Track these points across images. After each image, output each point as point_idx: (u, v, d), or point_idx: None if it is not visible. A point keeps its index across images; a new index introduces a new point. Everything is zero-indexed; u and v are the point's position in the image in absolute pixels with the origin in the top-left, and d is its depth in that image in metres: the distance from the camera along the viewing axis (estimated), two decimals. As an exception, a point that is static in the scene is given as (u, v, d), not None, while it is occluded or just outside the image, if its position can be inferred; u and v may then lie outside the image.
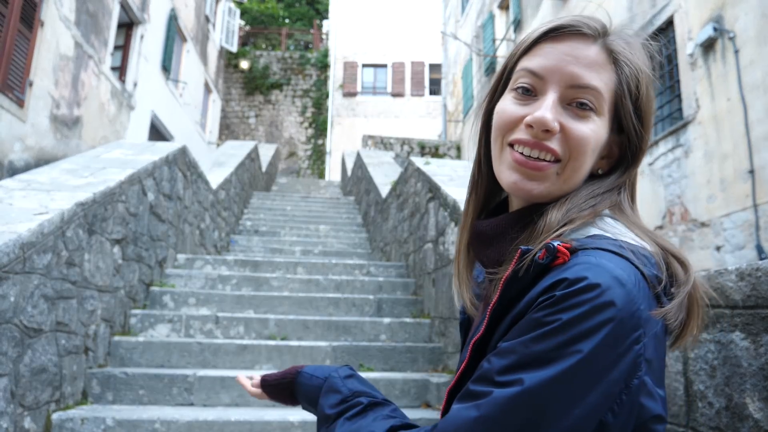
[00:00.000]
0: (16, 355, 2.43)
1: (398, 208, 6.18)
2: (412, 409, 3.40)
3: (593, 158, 0.74)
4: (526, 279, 0.65)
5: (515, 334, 0.62)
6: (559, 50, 0.73)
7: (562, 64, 0.72)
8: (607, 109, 0.73)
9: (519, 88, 0.75)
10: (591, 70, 0.72)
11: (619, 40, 0.75)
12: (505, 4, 13.27)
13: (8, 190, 3.14)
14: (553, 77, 0.72)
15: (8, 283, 2.35)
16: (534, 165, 0.72)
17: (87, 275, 3.17)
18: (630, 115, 0.74)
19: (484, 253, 0.79)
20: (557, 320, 0.58)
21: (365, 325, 4.26)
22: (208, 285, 4.85)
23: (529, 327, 0.61)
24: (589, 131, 0.72)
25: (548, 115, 0.70)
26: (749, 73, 5.42)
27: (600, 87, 0.72)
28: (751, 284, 1.12)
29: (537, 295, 0.62)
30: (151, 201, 4.31)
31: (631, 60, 0.74)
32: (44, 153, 8.09)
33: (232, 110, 21.48)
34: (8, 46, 7.05)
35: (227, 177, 7.59)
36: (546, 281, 0.62)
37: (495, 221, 0.78)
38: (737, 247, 5.45)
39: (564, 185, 0.73)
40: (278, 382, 1.11)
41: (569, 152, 0.72)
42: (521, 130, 0.73)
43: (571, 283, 0.60)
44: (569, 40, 0.74)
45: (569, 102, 0.72)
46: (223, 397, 3.30)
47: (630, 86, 0.74)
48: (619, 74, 0.73)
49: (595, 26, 0.75)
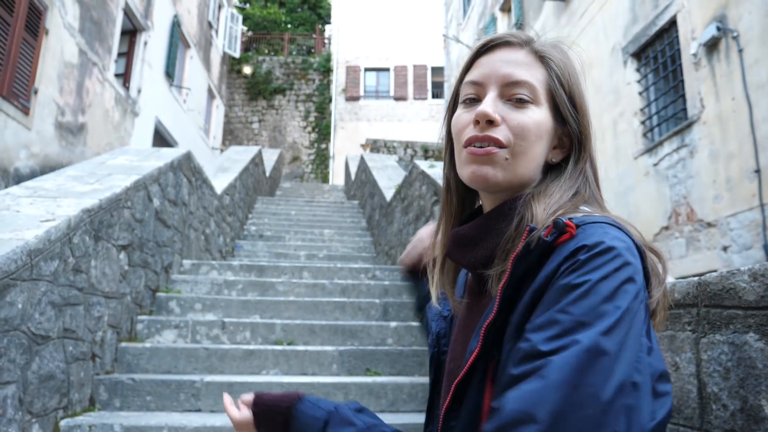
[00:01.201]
0: (24, 362, 2.43)
1: (403, 212, 6.17)
2: (420, 414, 3.38)
3: (541, 145, 0.81)
4: (532, 257, 0.69)
5: (546, 306, 0.65)
6: (492, 59, 0.84)
7: (495, 69, 0.82)
8: (544, 100, 0.82)
9: (466, 100, 0.85)
10: (521, 68, 0.81)
11: (543, 44, 0.85)
12: (507, 7, 13.28)
13: (15, 197, 3.14)
14: (490, 80, 0.82)
15: (16, 290, 2.35)
16: (483, 152, 0.79)
17: (93, 281, 3.18)
18: (565, 104, 0.82)
19: (470, 255, 0.83)
20: (587, 281, 0.63)
21: (372, 329, 4.25)
22: (214, 290, 4.86)
23: (560, 293, 0.64)
24: (527, 118, 0.80)
25: (488, 107, 0.79)
26: (754, 72, 5.40)
27: (531, 81, 0.81)
28: (764, 284, 1.11)
29: (558, 265, 0.67)
30: (157, 207, 4.31)
31: (557, 57, 0.84)
32: (49, 160, 8.12)
33: (236, 115, 21.53)
34: (13, 54, 7.08)
35: (231, 182, 7.60)
36: (563, 251, 0.67)
37: (476, 222, 0.84)
38: (744, 247, 5.43)
39: (517, 170, 0.80)
40: (275, 404, 0.97)
41: (513, 139, 0.79)
42: (471, 129, 0.81)
43: (591, 247, 0.66)
44: (499, 50, 0.84)
45: (508, 98, 0.81)
46: (230, 402, 3.29)
47: (560, 79, 0.82)
48: (547, 70, 0.82)
49: (521, 36, 0.85)
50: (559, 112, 0.82)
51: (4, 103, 6.93)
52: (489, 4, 14.35)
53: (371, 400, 3.43)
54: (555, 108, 0.82)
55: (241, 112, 21.62)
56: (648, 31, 7.06)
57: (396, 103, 21.85)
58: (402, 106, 21.82)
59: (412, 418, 3.20)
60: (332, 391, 3.40)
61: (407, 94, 21.87)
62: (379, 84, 22.30)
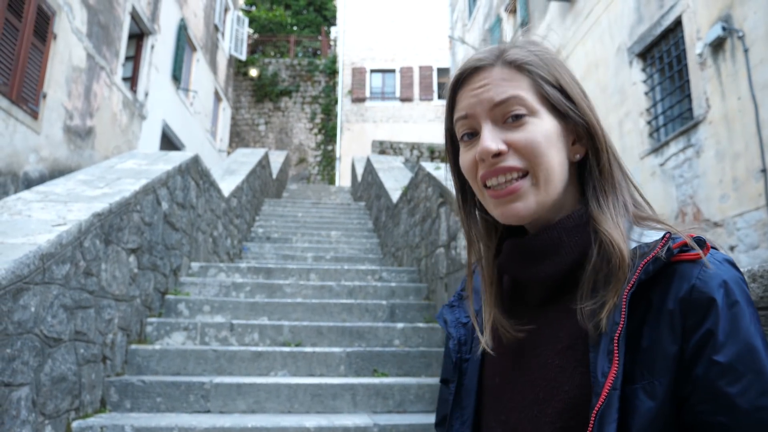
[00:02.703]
0: (36, 364, 2.47)
1: (409, 213, 6.20)
2: (428, 414, 3.41)
3: (557, 151, 0.77)
4: (659, 264, 0.68)
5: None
6: (471, 89, 0.80)
7: (478, 97, 0.78)
8: (539, 105, 0.78)
9: (464, 136, 0.81)
10: (502, 86, 0.78)
11: (514, 51, 0.81)
12: (512, 8, 13.28)
13: (26, 202, 3.19)
14: (477, 110, 0.78)
15: (29, 293, 2.39)
16: (507, 191, 0.76)
17: (104, 285, 3.22)
18: (560, 100, 0.78)
19: (536, 269, 0.79)
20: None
21: (379, 331, 4.27)
22: (222, 292, 4.89)
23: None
24: (530, 134, 0.76)
25: (486, 142, 0.76)
26: (759, 72, 5.39)
27: (517, 93, 0.77)
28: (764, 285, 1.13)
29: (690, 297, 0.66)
30: (165, 210, 4.35)
31: (532, 58, 0.80)
32: (58, 164, 8.19)
33: (242, 118, 21.61)
34: (22, 59, 7.15)
35: (239, 185, 7.64)
36: (694, 279, 0.67)
37: (546, 234, 0.79)
38: (751, 246, 5.42)
39: (546, 189, 0.76)
40: None
41: (528, 160, 0.76)
42: (481, 167, 0.78)
43: (731, 299, 0.66)
44: (474, 78, 0.80)
45: (504, 120, 0.77)
46: (239, 403, 3.32)
47: (545, 78, 0.79)
48: (528, 75, 0.78)
49: (488, 55, 0.81)
50: (555, 108, 0.79)
51: (14, 107, 7.00)
52: (494, 5, 14.35)
53: (378, 401, 3.46)
54: (554, 108, 0.78)
55: (247, 115, 21.69)
56: (653, 31, 7.06)
57: (402, 105, 21.87)
58: (408, 107, 21.84)
59: (420, 419, 3.22)
60: (340, 392, 3.43)
61: (413, 95, 21.89)
62: (385, 85, 22.32)
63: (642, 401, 0.64)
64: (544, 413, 0.73)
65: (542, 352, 0.76)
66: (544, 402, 0.73)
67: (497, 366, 0.83)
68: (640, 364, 0.66)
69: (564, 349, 0.74)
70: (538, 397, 0.74)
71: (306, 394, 3.39)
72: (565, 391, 0.71)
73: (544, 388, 0.74)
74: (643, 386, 0.65)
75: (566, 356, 0.73)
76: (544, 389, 0.74)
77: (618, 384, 0.64)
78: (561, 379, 0.72)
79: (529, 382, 0.77)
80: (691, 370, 0.64)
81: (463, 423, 0.86)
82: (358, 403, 3.44)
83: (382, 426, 3.04)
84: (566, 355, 0.73)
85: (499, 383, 0.82)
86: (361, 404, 3.44)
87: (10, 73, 6.95)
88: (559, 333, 0.75)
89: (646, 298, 0.68)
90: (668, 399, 0.64)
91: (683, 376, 0.64)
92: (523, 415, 0.76)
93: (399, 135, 20.44)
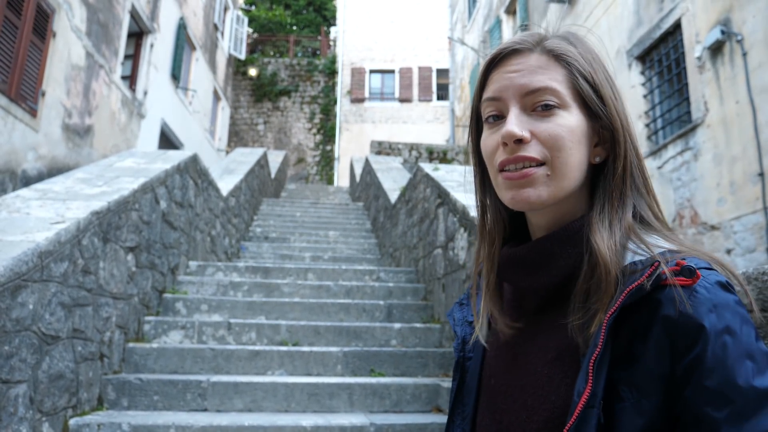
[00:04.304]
0: (34, 361, 2.48)
1: (407, 214, 6.21)
2: (424, 414, 3.42)
3: (579, 149, 0.76)
4: (644, 290, 0.67)
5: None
6: (505, 71, 0.79)
7: (510, 81, 0.78)
8: (571, 100, 0.76)
9: (489, 118, 0.81)
10: (537, 74, 0.77)
11: (555, 40, 0.80)
12: (512, 9, 13.30)
13: (25, 200, 3.19)
14: (508, 94, 0.77)
15: (27, 291, 2.39)
16: (520, 174, 0.75)
17: (102, 283, 3.22)
18: (593, 98, 0.77)
19: (531, 279, 0.79)
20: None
21: (376, 331, 4.28)
22: (220, 291, 4.90)
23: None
24: (556, 126, 0.75)
25: (513, 127, 0.75)
26: (758, 76, 5.41)
27: (551, 84, 0.76)
28: (757, 288, 1.13)
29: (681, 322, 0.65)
30: (164, 209, 4.36)
31: (572, 51, 0.78)
32: (57, 162, 8.18)
33: (241, 117, 21.61)
34: (21, 56, 7.15)
35: (237, 184, 7.64)
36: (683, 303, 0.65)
37: (537, 245, 0.79)
38: (748, 250, 5.44)
39: (561, 183, 0.76)
40: None
41: (549, 152, 0.75)
42: (501, 152, 0.77)
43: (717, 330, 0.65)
44: (510, 60, 0.79)
45: (533, 108, 0.76)
46: (236, 402, 3.33)
47: (582, 72, 0.77)
48: (566, 67, 0.77)
49: (529, 40, 0.80)
50: (587, 106, 0.77)
51: (12, 105, 7.00)
52: (494, 7, 14.38)
53: (375, 401, 3.47)
54: (585, 105, 0.77)
55: (246, 114, 21.69)
56: (652, 34, 7.08)
57: (401, 105, 21.89)
58: (407, 108, 21.86)
59: (416, 419, 3.23)
60: (336, 392, 3.44)
61: (412, 96, 21.92)
62: (384, 86, 22.35)
63: (630, 419, 0.65)
64: (532, 420, 0.74)
65: (533, 359, 0.77)
66: (532, 409, 0.74)
67: (493, 367, 0.85)
68: (627, 382, 0.66)
69: (552, 359, 0.74)
70: (527, 402, 0.75)
71: (303, 394, 3.40)
72: (552, 401, 0.72)
73: (533, 395, 0.75)
74: (632, 404, 0.65)
75: (554, 367, 0.73)
76: (532, 396, 0.75)
77: (595, 403, 0.65)
78: (548, 388, 0.73)
79: (519, 387, 0.78)
80: (681, 392, 0.64)
81: (464, 419, 0.88)
82: (355, 403, 3.44)
83: (379, 425, 3.05)
84: (554, 365, 0.73)
85: (494, 384, 0.83)
86: (357, 404, 3.45)
87: (9, 70, 6.95)
88: (549, 343, 0.75)
89: (635, 319, 0.67)
90: (660, 417, 0.65)
91: (674, 396, 0.65)
92: (514, 418, 0.77)
93: (398, 136, 20.46)
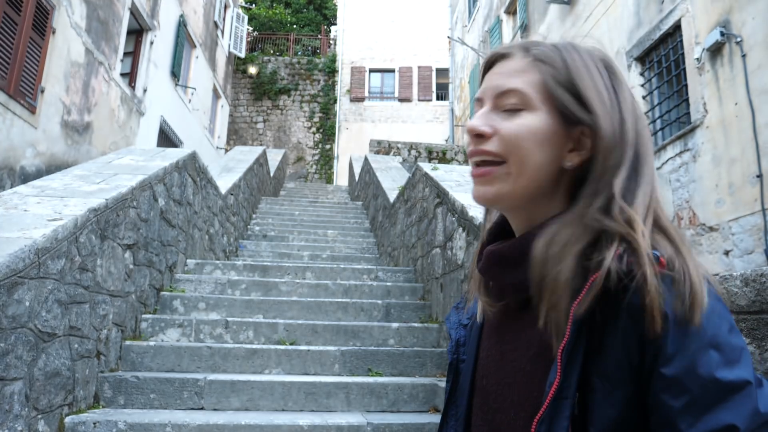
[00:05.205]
0: (30, 359, 2.47)
1: (406, 213, 6.20)
2: (421, 414, 3.41)
3: (543, 151, 0.77)
4: (611, 280, 0.68)
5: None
6: (490, 74, 0.84)
7: (490, 82, 0.82)
8: (540, 103, 0.78)
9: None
10: (512, 77, 0.80)
11: (542, 47, 0.82)
12: (513, 9, 13.29)
13: (22, 197, 3.18)
14: (486, 94, 0.82)
15: (23, 288, 2.39)
16: (480, 172, 0.80)
17: (99, 280, 3.22)
18: (569, 102, 0.78)
19: (509, 276, 0.80)
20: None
21: (374, 330, 4.28)
22: (218, 290, 4.89)
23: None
24: (517, 126, 0.78)
25: (475, 121, 0.80)
26: (757, 78, 5.41)
27: (521, 86, 0.79)
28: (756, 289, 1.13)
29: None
30: (162, 206, 4.35)
31: (555, 56, 0.80)
32: (55, 159, 8.17)
33: (241, 115, 21.59)
34: (20, 53, 7.13)
35: (236, 182, 7.63)
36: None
37: (513, 243, 0.80)
38: (746, 251, 5.44)
39: (520, 181, 0.78)
40: None
41: (508, 149, 0.78)
42: (469, 145, 0.81)
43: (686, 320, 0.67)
44: (498, 64, 0.84)
45: (502, 109, 0.80)
46: (233, 401, 3.32)
47: (558, 77, 0.78)
48: (540, 72, 0.79)
49: (518, 45, 0.83)
50: (560, 110, 0.78)
51: (11, 101, 6.98)
52: (494, 7, 14.37)
53: (372, 400, 3.46)
54: (558, 108, 0.78)
55: (245, 112, 21.67)
56: (652, 35, 7.08)
57: (401, 105, 21.88)
58: (407, 107, 21.85)
59: (413, 418, 3.23)
60: (334, 391, 3.43)
61: (412, 95, 21.91)
62: (384, 85, 22.34)
63: (603, 410, 0.66)
64: (519, 416, 0.75)
65: (518, 356, 0.78)
66: (519, 405, 0.76)
67: (485, 368, 0.86)
68: (598, 373, 0.67)
69: (534, 355, 0.75)
70: (514, 400, 0.77)
71: (300, 393, 3.40)
72: (534, 396, 0.73)
73: (519, 392, 0.76)
74: (603, 395, 0.66)
75: (536, 362, 0.75)
76: (518, 393, 0.76)
77: (568, 394, 0.66)
78: (531, 385, 0.74)
79: (508, 385, 0.79)
80: (648, 382, 0.65)
81: (457, 420, 0.90)
82: (352, 402, 3.44)
83: (376, 425, 3.05)
84: (536, 361, 0.75)
85: (486, 384, 0.84)
86: (354, 403, 3.44)
87: (8, 67, 6.93)
88: (532, 339, 0.77)
89: (604, 310, 0.68)
90: (631, 407, 0.66)
91: (644, 386, 0.66)
92: (504, 417, 0.78)
93: (397, 135, 20.45)
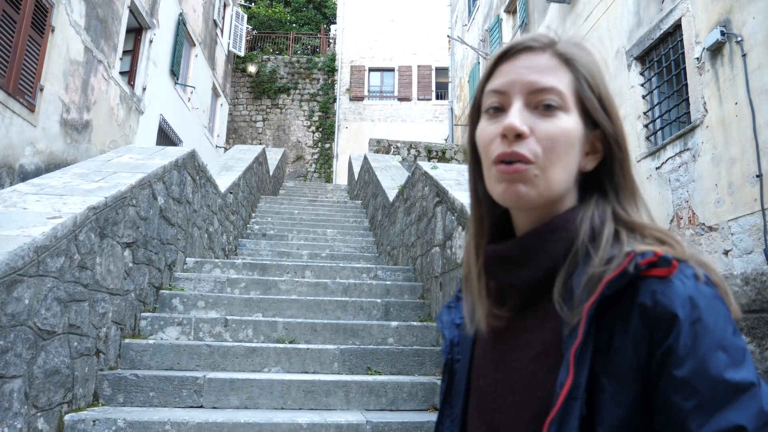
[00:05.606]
0: (30, 357, 2.47)
1: (405, 212, 6.20)
2: (420, 412, 3.41)
3: (572, 155, 0.77)
4: (624, 281, 0.68)
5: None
6: (515, 66, 0.80)
7: (519, 76, 0.78)
8: (572, 105, 0.78)
9: (489, 109, 0.81)
10: (546, 74, 0.78)
11: (567, 45, 0.81)
12: (513, 8, 13.29)
13: (22, 195, 3.18)
14: (514, 89, 0.78)
15: (23, 286, 2.38)
16: (512, 169, 0.75)
17: (98, 278, 3.21)
18: (596, 107, 0.78)
19: (514, 275, 0.79)
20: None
21: (373, 329, 4.28)
22: (217, 288, 4.89)
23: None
24: (555, 128, 0.76)
25: (515, 120, 0.75)
26: (757, 77, 5.41)
27: (558, 86, 0.77)
28: (756, 288, 1.13)
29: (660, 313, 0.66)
30: (161, 205, 4.35)
31: (582, 58, 0.80)
32: (54, 157, 8.16)
33: (240, 114, 21.57)
34: (19, 51, 7.12)
35: (235, 181, 7.63)
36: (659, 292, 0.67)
37: (520, 241, 0.80)
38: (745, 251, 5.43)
39: (550, 185, 0.76)
40: None
41: (542, 151, 0.75)
42: (499, 144, 0.77)
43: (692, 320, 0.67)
44: (521, 56, 0.80)
45: (535, 106, 0.77)
46: (232, 399, 3.32)
47: (588, 81, 0.79)
48: (574, 73, 0.79)
49: (542, 40, 0.81)
50: (588, 116, 0.78)
51: (10, 100, 6.98)
52: (494, 6, 14.36)
53: (371, 399, 3.46)
54: (584, 112, 0.78)
55: (245, 111, 21.66)
56: (652, 35, 7.08)
57: (400, 104, 21.87)
58: (406, 106, 21.85)
59: (412, 417, 3.23)
60: (333, 389, 3.43)
61: (411, 94, 21.90)
62: (384, 84, 22.33)
63: (611, 410, 0.66)
64: (520, 417, 0.74)
65: (519, 356, 0.78)
66: (521, 406, 0.75)
67: (482, 367, 0.85)
68: (607, 373, 0.67)
69: (538, 355, 0.75)
70: (515, 400, 0.76)
71: (299, 391, 3.40)
72: (538, 396, 0.73)
73: (521, 393, 0.75)
74: (611, 395, 0.66)
75: (540, 362, 0.74)
76: (520, 393, 0.75)
77: (578, 394, 0.66)
78: (534, 384, 0.74)
79: (508, 385, 0.78)
80: (657, 383, 0.65)
81: (453, 420, 0.89)
82: (351, 401, 3.44)
83: (375, 423, 3.05)
84: (540, 361, 0.74)
85: (483, 384, 0.83)
86: (354, 401, 3.44)
87: (7, 65, 6.92)
88: (535, 339, 0.76)
89: (614, 310, 0.69)
90: (638, 408, 0.66)
91: (651, 387, 0.66)
92: (503, 417, 0.77)
93: (397, 134, 20.46)
